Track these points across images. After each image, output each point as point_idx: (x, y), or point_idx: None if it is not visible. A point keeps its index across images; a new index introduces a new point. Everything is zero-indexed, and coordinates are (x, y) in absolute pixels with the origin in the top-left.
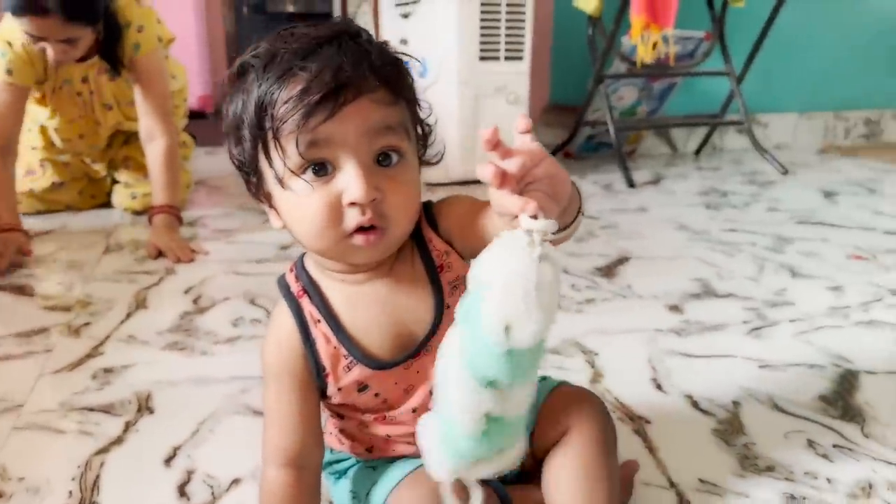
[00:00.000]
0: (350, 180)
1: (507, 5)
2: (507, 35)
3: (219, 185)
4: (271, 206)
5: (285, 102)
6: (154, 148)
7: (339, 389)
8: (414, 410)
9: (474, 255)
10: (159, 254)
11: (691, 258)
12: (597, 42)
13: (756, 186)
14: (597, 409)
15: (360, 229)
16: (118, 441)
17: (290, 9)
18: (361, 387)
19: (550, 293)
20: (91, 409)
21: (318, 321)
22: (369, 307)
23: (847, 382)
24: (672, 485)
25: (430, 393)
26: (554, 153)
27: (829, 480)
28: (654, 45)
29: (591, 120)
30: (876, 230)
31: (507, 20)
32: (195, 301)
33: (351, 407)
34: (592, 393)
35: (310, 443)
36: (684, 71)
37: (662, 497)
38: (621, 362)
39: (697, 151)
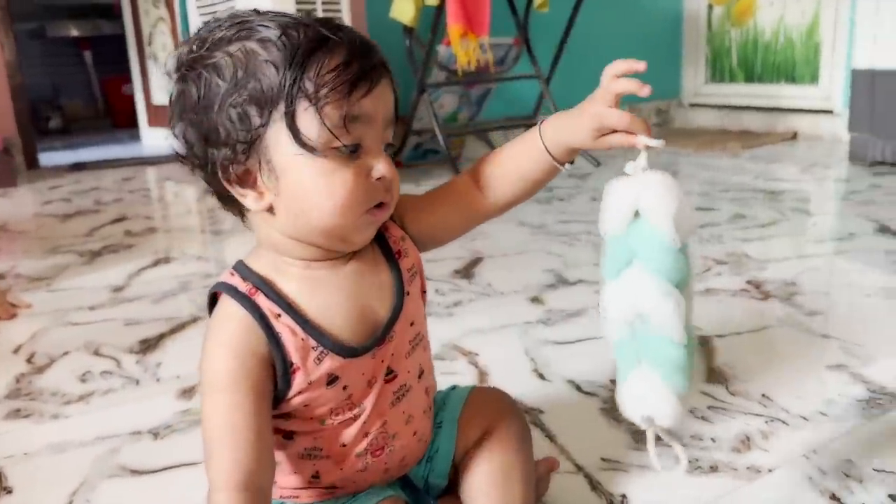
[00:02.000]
0: (379, 158)
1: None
2: None
3: (21, 230)
4: (251, 185)
5: (331, 71)
6: None
7: (310, 384)
8: (372, 406)
9: (424, 241)
10: None
11: (538, 251)
12: (415, 52)
13: (576, 179)
14: (511, 410)
15: (378, 205)
16: None
17: (74, 33)
18: (331, 379)
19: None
20: None
21: (279, 315)
22: (332, 292)
23: (704, 348)
24: (579, 468)
25: (386, 382)
26: None
27: (713, 440)
28: (473, 53)
29: (416, 129)
30: None
31: None
32: (30, 360)
33: (307, 414)
34: (505, 393)
35: (265, 462)
36: (499, 76)
37: (574, 482)
38: (502, 358)
39: None
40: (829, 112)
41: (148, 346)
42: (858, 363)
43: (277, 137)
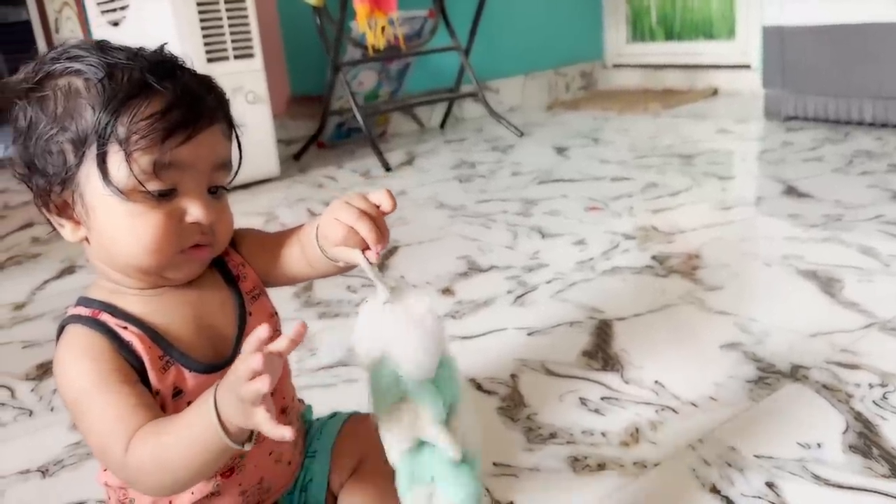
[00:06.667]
0: (195, 203)
1: (227, 2)
2: (233, 33)
3: None
4: (68, 216)
5: (145, 119)
6: None
7: (157, 394)
8: None
9: (262, 278)
10: None
11: (454, 236)
12: (327, 31)
13: (499, 153)
14: None
15: (195, 245)
16: None
17: None
18: (176, 391)
19: (415, 328)
20: None
21: (126, 327)
22: (175, 311)
23: (603, 333)
24: None
25: None
26: (307, 146)
27: (603, 434)
28: (383, 30)
29: (337, 108)
30: (604, 179)
31: (230, 18)
32: None
33: None
34: None
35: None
36: (416, 50)
37: None
38: None
39: (442, 125)
40: (747, 67)
41: (45, 370)
42: (752, 341)
43: (89, 176)
